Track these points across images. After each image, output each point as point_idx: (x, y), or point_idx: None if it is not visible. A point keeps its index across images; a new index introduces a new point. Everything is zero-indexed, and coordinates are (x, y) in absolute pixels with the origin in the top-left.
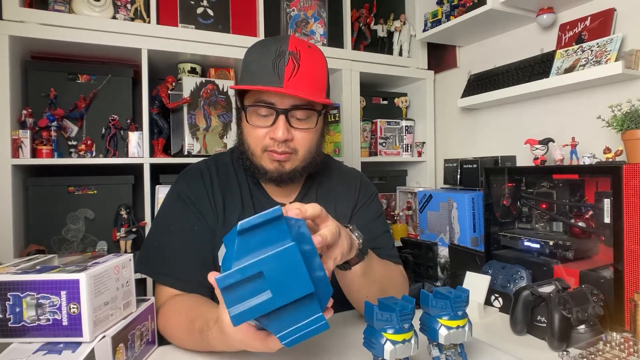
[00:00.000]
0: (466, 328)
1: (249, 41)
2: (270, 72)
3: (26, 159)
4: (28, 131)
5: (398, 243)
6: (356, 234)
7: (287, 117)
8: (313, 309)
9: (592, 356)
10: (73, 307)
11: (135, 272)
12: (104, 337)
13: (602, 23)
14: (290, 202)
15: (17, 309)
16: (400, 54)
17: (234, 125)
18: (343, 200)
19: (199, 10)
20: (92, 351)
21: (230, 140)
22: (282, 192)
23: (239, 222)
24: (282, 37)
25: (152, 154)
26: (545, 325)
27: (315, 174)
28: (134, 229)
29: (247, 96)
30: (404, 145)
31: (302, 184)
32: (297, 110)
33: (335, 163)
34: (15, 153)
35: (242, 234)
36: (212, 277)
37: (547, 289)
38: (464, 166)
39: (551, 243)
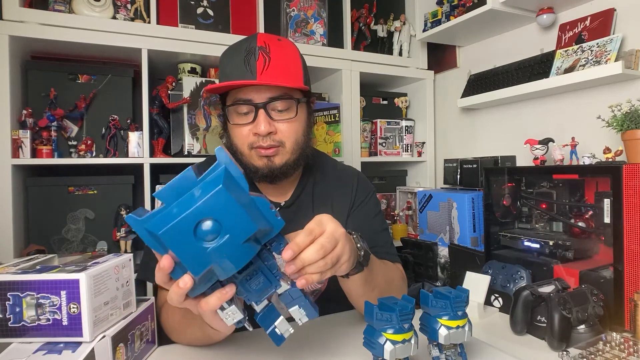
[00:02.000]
0: (466, 328)
1: None
2: (243, 69)
3: (26, 159)
4: (28, 131)
5: (398, 243)
6: (358, 245)
7: (266, 110)
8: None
9: (592, 356)
10: (73, 307)
11: (138, 278)
12: (103, 337)
13: (602, 23)
14: (285, 201)
15: (17, 309)
16: (400, 54)
17: None
18: (340, 199)
19: (199, 10)
20: (92, 351)
21: None
22: (277, 191)
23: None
24: (250, 36)
25: (152, 154)
26: (545, 325)
27: (310, 172)
28: (134, 229)
29: (227, 99)
30: (404, 145)
31: (297, 183)
32: (276, 102)
33: (331, 161)
34: (15, 153)
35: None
36: None
37: (547, 289)
38: (464, 166)
39: (551, 243)
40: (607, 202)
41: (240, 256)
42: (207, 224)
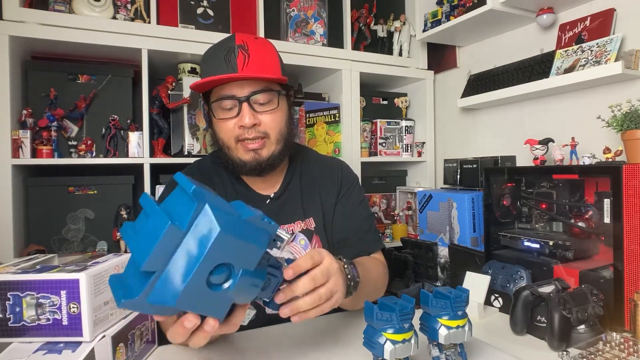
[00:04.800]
0: (466, 328)
1: None
2: (224, 67)
3: (26, 159)
4: (28, 131)
5: (398, 243)
6: (349, 276)
7: (249, 103)
8: (137, 286)
9: (592, 356)
10: (73, 307)
11: None
12: (103, 336)
13: (602, 23)
14: (274, 193)
15: (17, 309)
16: (400, 54)
17: None
18: (327, 189)
19: (199, 10)
20: (92, 351)
21: None
22: (265, 184)
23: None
24: (229, 36)
25: (152, 154)
26: (545, 325)
27: (295, 163)
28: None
29: (211, 96)
30: (404, 145)
31: (284, 175)
32: (258, 95)
33: (314, 152)
34: (15, 153)
35: (177, 189)
36: None
37: (547, 289)
38: (464, 166)
39: (551, 243)
40: (607, 202)
41: (257, 277)
42: (218, 271)
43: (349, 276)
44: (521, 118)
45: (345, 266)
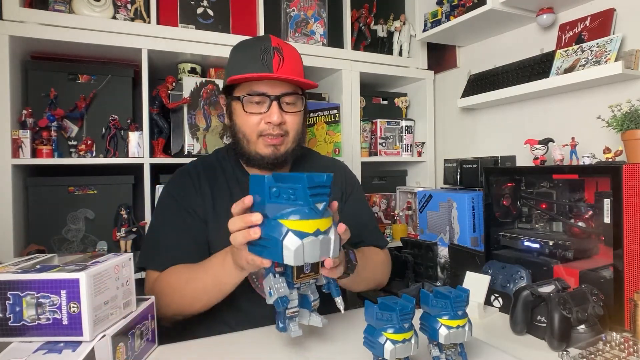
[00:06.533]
0: (466, 328)
1: None
2: (260, 65)
3: (26, 159)
4: (28, 131)
5: (398, 243)
6: (346, 259)
7: (279, 102)
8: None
9: (592, 356)
10: (73, 307)
11: (138, 266)
12: (104, 336)
13: (602, 23)
14: None
15: (17, 308)
16: (400, 54)
17: None
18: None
19: (199, 10)
20: (92, 350)
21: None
22: None
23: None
24: (264, 37)
25: (152, 154)
26: (545, 325)
27: (299, 162)
28: (134, 229)
29: (238, 89)
30: (404, 145)
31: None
32: (287, 96)
33: (317, 154)
34: (15, 153)
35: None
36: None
37: (547, 289)
38: (464, 166)
39: (551, 243)
40: (607, 202)
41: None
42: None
43: (347, 258)
44: (521, 118)
45: (346, 250)
